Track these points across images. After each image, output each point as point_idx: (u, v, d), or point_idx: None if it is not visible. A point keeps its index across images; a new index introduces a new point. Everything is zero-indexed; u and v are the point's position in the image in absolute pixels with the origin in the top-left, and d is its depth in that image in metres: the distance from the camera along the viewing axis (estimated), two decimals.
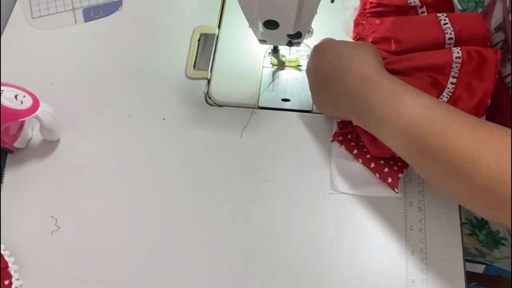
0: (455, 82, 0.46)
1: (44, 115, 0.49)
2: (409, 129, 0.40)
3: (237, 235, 0.49)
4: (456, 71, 0.46)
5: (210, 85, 0.57)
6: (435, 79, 0.46)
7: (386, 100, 0.42)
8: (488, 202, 0.36)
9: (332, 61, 0.47)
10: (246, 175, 0.52)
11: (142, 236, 0.50)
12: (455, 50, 0.46)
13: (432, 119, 0.39)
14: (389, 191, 0.48)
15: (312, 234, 0.49)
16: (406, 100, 0.41)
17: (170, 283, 0.48)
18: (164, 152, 0.54)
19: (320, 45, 0.50)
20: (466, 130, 0.37)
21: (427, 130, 0.39)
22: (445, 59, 0.46)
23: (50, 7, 0.64)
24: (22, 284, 0.48)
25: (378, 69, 0.44)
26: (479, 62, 0.45)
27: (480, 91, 0.45)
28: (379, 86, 0.42)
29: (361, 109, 0.44)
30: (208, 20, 0.61)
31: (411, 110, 0.40)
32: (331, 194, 0.50)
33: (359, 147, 0.50)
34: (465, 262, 0.46)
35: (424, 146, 0.39)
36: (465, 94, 0.45)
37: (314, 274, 0.47)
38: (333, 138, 0.52)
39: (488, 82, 0.45)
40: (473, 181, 0.36)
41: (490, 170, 0.35)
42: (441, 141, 0.38)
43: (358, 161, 0.50)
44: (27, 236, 0.50)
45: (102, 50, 0.61)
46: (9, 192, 0.52)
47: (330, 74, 0.47)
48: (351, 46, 0.47)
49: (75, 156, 0.54)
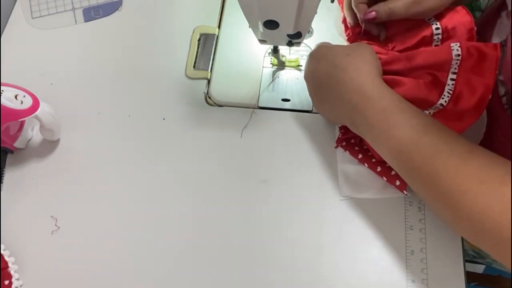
0: (455, 78, 0.45)
1: (44, 115, 0.49)
2: (399, 150, 0.40)
3: (236, 234, 0.49)
4: (456, 67, 0.45)
5: (210, 85, 0.57)
6: (435, 76, 0.46)
7: (378, 117, 0.41)
8: (472, 232, 0.36)
9: (328, 70, 0.46)
10: (246, 175, 0.52)
11: (142, 236, 0.50)
12: (454, 47, 0.45)
13: (423, 144, 0.38)
14: (396, 193, 0.48)
15: (312, 234, 0.49)
16: (398, 119, 0.40)
17: (170, 283, 0.48)
18: (164, 152, 0.54)
19: (314, 53, 0.49)
20: (456, 160, 0.37)
21: (416, 154, 0.39)
22: (444, 57, 0.45)
23: (50, 7, 0.64)
24: (22, 284, 0.48)
25: (373, 80, 0.43)
26: (478, 58, 0.44)
27: (481, 87, 0.44)
28: (372, 102, 0.42)
29: (357, 121, 0.44)
30: (208, 20, 0.61)
31: (402, 132, 0.40)
32: (334, 196, 0.50)
33: (364, 151, 0.50)
34: (465, 262, 0.46)
35: (413, 169, 0.39)
36: (466, 90, 0.45)
37: (314, 274, 0.47)
38: (336, 144, 0.51)
39: (488, 78, 0.44)
40: (459, 211, 0.36)
41: (475, 204, 0.35)
42: (430, 168, 0.38)
43: (364, 165, 0.50)
44: (27, 236, 0.50)
45: (102, 50, 0.61)
46: (9, 192, 0.52)
47: (327, 83, 0.46)
48: (345, 53, 0.46)
49: (75, 156, 0.54)
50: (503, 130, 0.47)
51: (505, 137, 0.47)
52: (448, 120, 0.44)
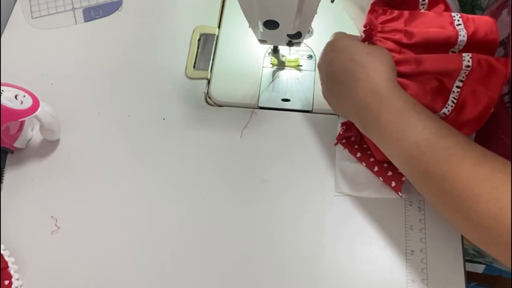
0: (461, 86, 0.45)
1: (44, 115, 0.49)
2: (413, 152, 0.39)
3: (237, 234, 0.49)
4: (464, 76, 0.45)
5: (210, 85, 0.57)
6: (441, 81, 0.46)
7: (393, 118, 0.41)
8: (482, 237, 0.37)
9: (345, 64, 0.45)
10: (246, 175, 0.52)
11: (141, 235, 0.50)
12: (465, 57, 0.45)
13: (437, 147, 0.38)
14: (394, 193, 0.48)
15: (312, 234, 0.49)
16: (413, 121, 0.40)
17: (170, 283, 0.48)
18: (164, 152, 0.54)
19: (334, 44, 0.47)
20: (469, 164, 0.37)
21: (430, 157, 0.38)
22: (454, 66, 0.45)
23: (50, 7, 0.64)
24: (22, 284, 0.48)
25: (390, 83, 0.43)
26: (487, 71, 0.44)
27: (485, 98, 0.44)
28: (388, 102, 0.41)
29: (367, 120, 0.43)
30: (208, 20, 0.61)
31: (417, 133, 0.39)
32: (333, 194, 0.50)
33: (363, 150, 0.50)
34: (465, 262, 0.46)
35: (425, 172, 0.39)
36: (470, 100, 0.45)
37: (314, 274, 0.47)
38: (336, 140, 0.52)
39: (493, 91, 0.44)
40: (470, 215, 0.36)
41: (488, 209, 0.35)
42: (443, 171, 0.37)
43: (361, 164, 0.50)
44: (27, 236, 0.50)
45: (102, 50, 0.61)
46: (9, 192, 0.52)
47: (341, 78, 0.45)
48: (367, 52, 0.44)
49: (75, 156, 0.54)
50: (503, 129, 0.47)
51: (506, 136, 0.47)
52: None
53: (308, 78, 0.57)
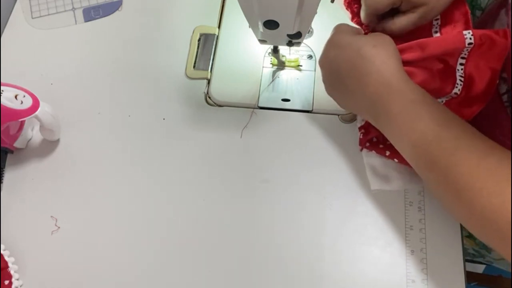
0: (464, 63, 0.45)
1: (44, 115, 0.49)
2: (420, 142, 0.40)
3: (237, 234, 0.49)
4: (466, 53, 0.45)
5: (210, 85, 0.57)
6: (446, 62, 0.46)
7: (403, 109, 0.41)
8: (484, 229, 0.37)
9: (351, 60, 0.44)
10: (246, 175, 0.52)
11: (141, 236, 0.50)
12: (467, 35, 0.45)
13: (444, 137, 0.38)
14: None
15: (312, 234, 0.49)
16: (422, 112, 0.40)
17: (170, 283, 0.48)
18: (164, 152, 0.54)
19: (337, 40, 0.47)
20: (475, 156, 0.37)
21: (437, 147, 0.38)
22: (457, 45, 0.45)
23: (50, 7, 0.64)
24: (22, 284, 0.48)
25: (399, 74, 0.43)
26: (489, 45, 0.44)
27: (488, 71, 0.44)
28: (399, 93, 0.42)
29: (377, 112, 0.43)
30: (208, 20, 0.61)
31: (425, 123, 0.39)
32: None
33: (389, 147, 0.49)
34: (465, 262, 0.47)
35: (431, 162, 0.39)
36: (475, 74, 0.45)
37: (314, 274, 0.47)
38: (360, 147, 0.51)
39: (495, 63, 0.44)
40: (473, 207, 0.36)
41: (490, 202, 0.35)
42: (448, 162, 0.38)
43: (393, 160, 0.49)
44: (27, 236, 0.50)
45: (102, 50, 0.61)
46: (9, 192, 0.52)
47: (347, 73, 0.45)
48: (372, 44, 0.44)
49: (75, 156, 0.54)
50: (502, 129, 0.47)
51: (504, 136, 0.47)
52: (460, 106, 0.44)
53: (308, 78, 0.57)
